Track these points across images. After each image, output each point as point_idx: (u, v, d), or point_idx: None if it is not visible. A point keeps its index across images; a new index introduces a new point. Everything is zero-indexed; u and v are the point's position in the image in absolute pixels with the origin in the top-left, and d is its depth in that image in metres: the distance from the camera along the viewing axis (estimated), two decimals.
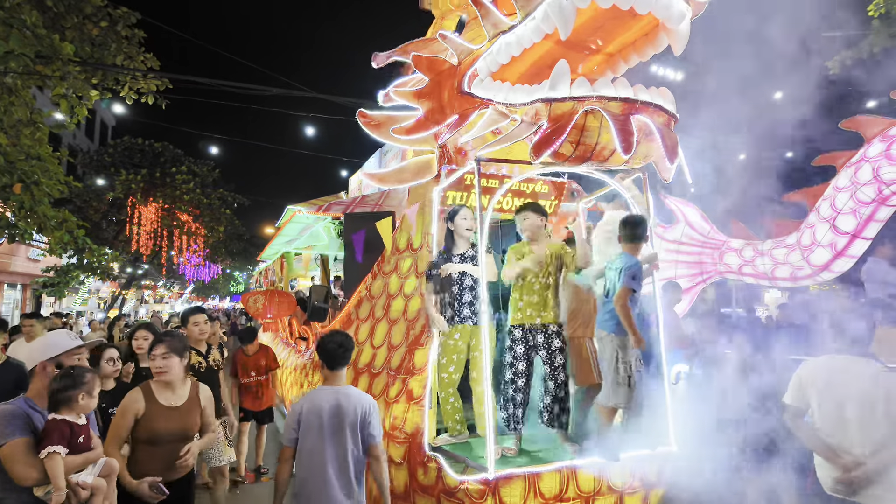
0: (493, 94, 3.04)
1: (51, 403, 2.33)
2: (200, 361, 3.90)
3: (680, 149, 2.69)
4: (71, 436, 2.29)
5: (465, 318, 3.46)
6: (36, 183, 7.26)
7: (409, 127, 3.72)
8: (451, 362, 3.42)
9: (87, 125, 26.43)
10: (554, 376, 3.26)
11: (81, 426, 2.38)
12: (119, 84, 9.16)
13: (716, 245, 5.85)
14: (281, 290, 7.97)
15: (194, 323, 3.93)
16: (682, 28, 2.71)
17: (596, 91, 2.57)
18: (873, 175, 4.53)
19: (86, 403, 2.39)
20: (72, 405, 2.34)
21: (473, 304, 3.44)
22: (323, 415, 2.46)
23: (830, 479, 2.61)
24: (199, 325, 3.91)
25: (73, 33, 8.26)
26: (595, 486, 2.99)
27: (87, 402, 2.39)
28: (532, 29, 2.80)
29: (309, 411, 2.48)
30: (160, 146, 20.26)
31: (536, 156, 2.65)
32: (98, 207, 18.71)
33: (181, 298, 37.46)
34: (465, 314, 3.46)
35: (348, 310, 4.62)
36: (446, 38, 3.44)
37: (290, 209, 6.76)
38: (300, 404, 2.54)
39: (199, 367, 3.85)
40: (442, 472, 2.98)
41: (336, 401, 2.50)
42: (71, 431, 2.30)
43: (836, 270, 4.92)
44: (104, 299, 24.10)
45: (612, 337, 3.17)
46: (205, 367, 3.92)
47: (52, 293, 15.74)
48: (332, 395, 2.53)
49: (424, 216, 3.88)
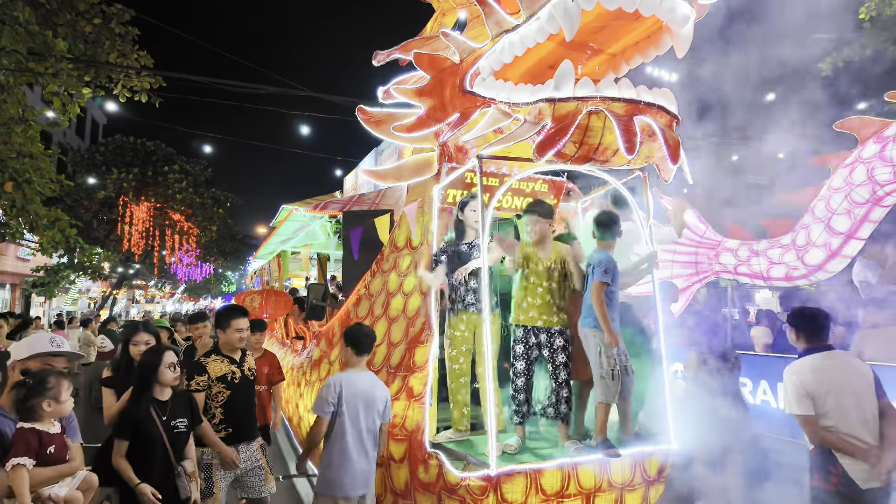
0: (496, 93, 3.04)
1: (18, 412, 2.24)
2: (234, 371, 3.23)
3: (682, 150, 2.71)
4: (39, 446, 2.19)
5: (468, 304, 3.48)
6: (28, 181, 7.18)
7: (411, 125, 3.72)
8: (460, 353, 3.46)
9: (78, 123, 26.21)
10: (555, 375, 3.29)
11: (53, 435, 2.27)
12: (112, 82, 9.09)
13: (711, 245, 5.90)
14: (277, 290, 7.94)
15: (236, 329, 3.25)
16: (686, 30, 2.74)
17: (600, 92, 2.59)
18: (867, 176, 4.60)
19: (54, 410, 2.28)
20: (38, 414, 2.24)
21: (478, 291, 3.45)
22: (359, 395, 2.98)
23: (864, 473, 2.67)
24: (242, 333, 3.27)
25: (65, 30, 8.19)
26: (596, 482, 3.00)
27: (55, 408, 2.29)
28: (536, 29, 2.81)
29: (350, 390, 2.96)
30: (152, 145, 20.14)
31: (540, 156, 2.67)
32: (89, 206, 18.56)
33: (172, 298, 37.21)
34: (469, 301, 3.49)
35: (347, 308, 4.61)
36: (448, 37, 3.44)
37: (285, 208, 6.74)
38: (337, 382, 2.97)
39: (232, 377, 3.21)
40: (443, 469, 2.99)
41: (371, 384, 3.06)
42: (39, 442, 2.19)
43: (830, 270, 4.99)
44: (94, 299, 23.88)
45: (594, 332, 3.21)
46: (239, 377, 3.24)
47: (42, 293, 15.59)
48: (367, 379, 3.07)
49: (424, 214, 3.89)
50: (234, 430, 3.17)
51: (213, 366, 3.18)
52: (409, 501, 3.23)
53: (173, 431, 2.77)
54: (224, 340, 3.28)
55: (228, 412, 3.17)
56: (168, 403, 2.83)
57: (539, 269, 3.40)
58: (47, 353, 2.58)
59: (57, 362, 2.62)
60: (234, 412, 3.18)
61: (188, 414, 2.88)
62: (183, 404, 2.89)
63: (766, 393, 4.70)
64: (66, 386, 2.34)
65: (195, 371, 3.13)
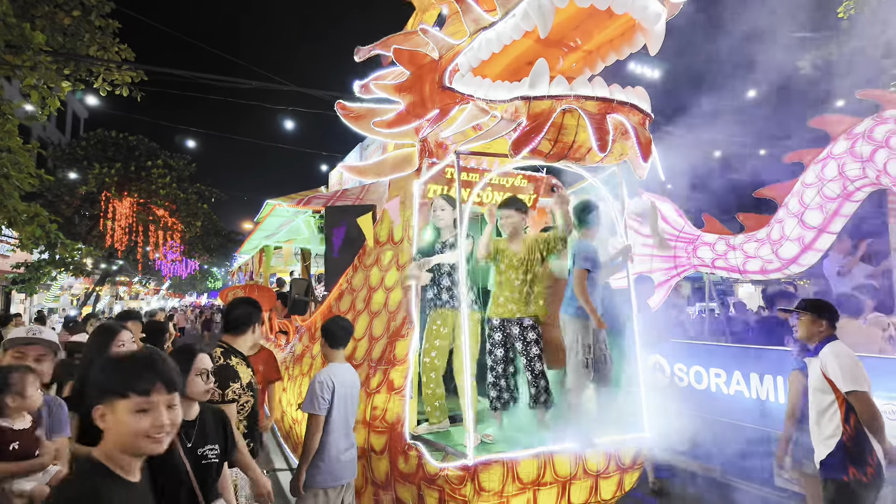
0: (474, 89, 3.09)
1: None
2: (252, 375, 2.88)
3: (654, 147, 2.78)
4: (2, 442, 2.20)
5: (444, 302, 3.54)
6: (6, 176, 7.07)
7: (391, 120, 3.75)
8: (433, 348, 3.50)
9: (59, 117, 25.75)
10: (531, 367, 3.36)
11: (19, 431, 2.28)
12: (92, 75, 8.95)
13: (689, 239, 6.01)
14: (261, 285, 7.92)
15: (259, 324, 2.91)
16: (658, 28, 2.80)
17: (573, 90, 2.64)
18: (839, 172, 4.71)
19: (19, 405, 2.28)
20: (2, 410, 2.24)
21: (452, 288, 3.53)
22: (346, 387, 3.06)
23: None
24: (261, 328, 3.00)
25: (43, 22, 8.05)
26: (571, 470, 3.08)
27: (19, 403, 2.28)
28: (512, 26, 2.85)
29: (340, 384, 3.01)
30: (135, 139, 19.84)
31: (515, 153, 2.72)
32: (70, 202, 18.28)
33: (158, 295, 36.82)
34: (444, 298, 3.55)
35: (329, 302, 4.65)
36: (427, 33, 3.48)
37: (269, 203, 6.72)
38: (329, 379, 3.00)
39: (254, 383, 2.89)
40: (422, 459, 3.04)
41: (353, 375, 3.17)
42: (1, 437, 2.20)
43: (803, 264, 5.10)
44: (77, 296, 23.56)
45: (572, 320, 3.30)
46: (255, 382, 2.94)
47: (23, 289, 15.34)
48: (349, 371, 3.17)
49: (406, 209, 3.92)
50: (253, 445, 2.82)
51: (241, 370, 2.75)
52: (390, 492, 3.29)
53: (201, 463, 2.05)
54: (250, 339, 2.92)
55: (251, 425, 2.82)
56: (195, 424, 2.11)
57: (513, 263, 3.47)
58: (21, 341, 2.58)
59: (32, 350, 2.60)
60: (253, 424, 2.84)
61: (220, 438, 2.18)
62: (215, 423, 2.19)
63: (740, 383, 4.83)
64: (31, 381, 2.33)
65: (229, 376, 2.59)
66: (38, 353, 2.63)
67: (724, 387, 5.03)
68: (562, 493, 3.10)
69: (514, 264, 3.47)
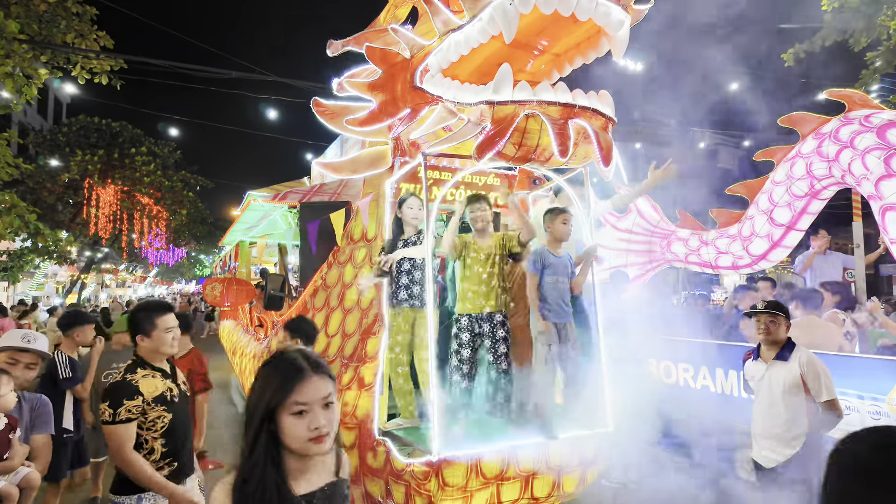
0: (444, 91, 3.11)
1: None
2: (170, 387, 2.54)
3: (615, 151, 2.83)
4: None
5: (402, 300, 3.62)
6: None
7: (363, 118, 3.76)
8: (395, 343, 3.60)
9: (40, 102, 25.29)
10: (497, 364, 3.44)
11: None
12: (70, 63, 8.83)
13: (664, 234, 6.10)
14: (239, 279, 7.91)
15: (165, 329, 2.49)
16: (622, 35, 2.84)
17: (536, 96, 2.68)
18: (806, 170, 4.81)
19: None
20: None
21: (410, 287, 3.61)
22: None
23: None
24: (172, 332, 2.52)
25: (18, 9, 7.90)
26: (534, 465, 3.17)
27: None
28: (479, 30, 2.88)
29: None
30: (118, 126, 19.58)
31: (480, 156, 2.76)
32: (52, 189, 18.03)
33: (145, 283, 36.58)
34: (402, 297, 3.62)
35: (304, 299, 4.68)
36: (398, 32, 3.48)
37: (249, 195, 6.72)
38: None
39: (171, 396, 2.52)
40: (390, 455, 3.12)
41: None
42: None
43: (772, 260, 5.23)
44: (62, 284, 23.36)
45: (535, 319, 3.48)
46: (177, 394, 2.56)
47: (5, 278, 15.21)
48: None
49: (378, 207, 3.96)
50: (178, 463, 2.49)
51: (146, 383, 2.40)
52: (359, 486, 3.36)
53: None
54: (150, 347, 2.47)
55: (171, 441, 2.45)
56: None
57: (479, 258, 3.53)
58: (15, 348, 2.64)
59: (24, 357, 2.67)
60: (176, 440, 2.48)
61: None
62: None
63: (706, 378, 4.95)
64: (4, 381, 2.39)
65: (122, 394, 2.31)
66: (30, 360, 2.69)
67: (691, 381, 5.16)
68: (525, 487, 3.19)
69: (481, 259, 3.53)
